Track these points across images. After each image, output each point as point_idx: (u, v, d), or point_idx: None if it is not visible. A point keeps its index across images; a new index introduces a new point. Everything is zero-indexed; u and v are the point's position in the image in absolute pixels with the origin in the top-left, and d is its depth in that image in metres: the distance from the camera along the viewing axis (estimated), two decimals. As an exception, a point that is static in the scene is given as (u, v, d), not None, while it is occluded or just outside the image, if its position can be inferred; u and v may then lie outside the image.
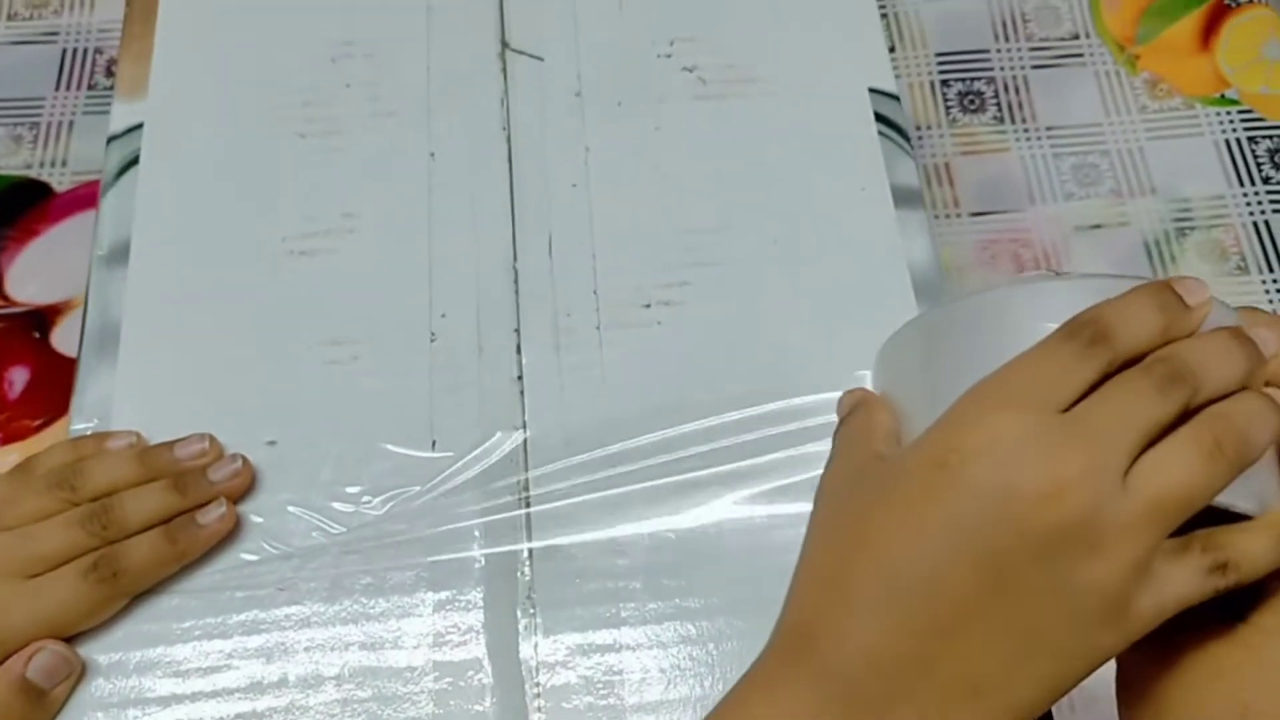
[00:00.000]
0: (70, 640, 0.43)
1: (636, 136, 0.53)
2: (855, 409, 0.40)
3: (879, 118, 0.54)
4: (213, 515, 0.45)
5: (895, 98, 0.54)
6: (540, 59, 0.55)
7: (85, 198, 0.67)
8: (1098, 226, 0.65)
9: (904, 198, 0.52)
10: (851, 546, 0.35)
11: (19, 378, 0.61)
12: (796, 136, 0.53)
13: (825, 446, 0.45)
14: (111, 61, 0.72)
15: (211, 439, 0.46)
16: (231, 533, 0.45)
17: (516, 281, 0.50)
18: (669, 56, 0.55)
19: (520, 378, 0.48)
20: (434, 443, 0.47)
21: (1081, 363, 0.33)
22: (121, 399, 0.47)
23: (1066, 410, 0.33)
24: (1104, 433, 0.32)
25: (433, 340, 0.49)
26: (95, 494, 0.45)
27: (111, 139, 0.53)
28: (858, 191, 0.52)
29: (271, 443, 0.47)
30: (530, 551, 0.45)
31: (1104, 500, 0.32)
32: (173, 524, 0.44)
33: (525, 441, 0.47)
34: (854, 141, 0.53)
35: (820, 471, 0.39)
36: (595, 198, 0.52)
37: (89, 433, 0.47)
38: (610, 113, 0.54)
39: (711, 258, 0.51)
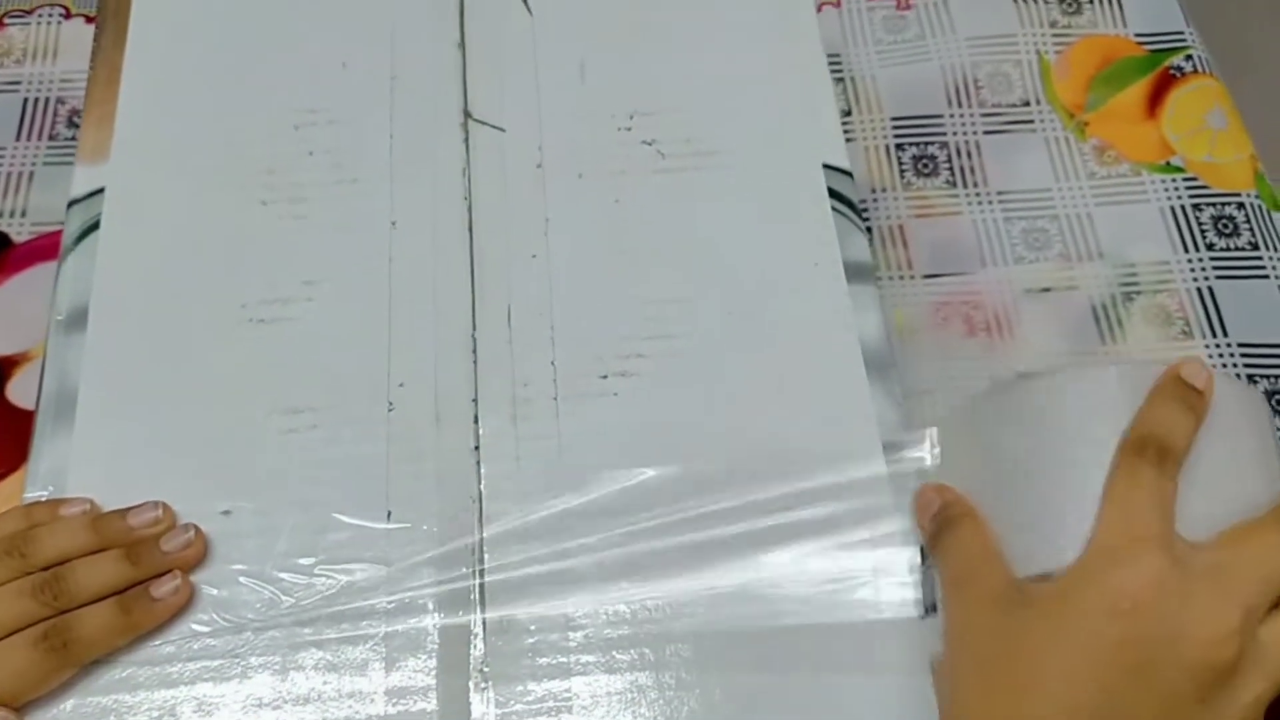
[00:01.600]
0: (18, 710, 0.43)
1: (596, 208, 0.54)
2: (957, 525, 0.43)
3: (832, 193, 0.55)
4: (167, 588, 0.45)
5: (848, 174, 0.55)
6: (502, 129, 0.56)
7: (45, 249, 0.67)
8: (1047, 289, 0.66)
9: (856, 272, 0.53)
10: (1026, 687, 0.38)
11: (-29, 430, 0.61)
12: (752, 210, 0.54)
13: (780, 521, 0.46)
14: (73, 112, 0.71)
15: (165, 507, 0.47)
16: (185, 605, 0.45)
17: (475, 351, 0.51)
18: (629, 129, 0.56)
19: (478, 448, 0.49)
20: (389, 513, 0.47)
21: (1165, 480, 0.40)
22: (77, 467, 0.48)
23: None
24: (1252, 585, 0.39)
25: (390, 410, 0.49)
26: (47, 562, 0.45)
27: (72, 203, 0.53)
28: (811, 266, 0.53)
29: (226, 512, 0.47)
30: (484, 624, 0.45)
31: (1249, 643, 0.38)
32: (127, 595, 0.45)
33: (481, 513, 0.47)
34: (808, 216, 0.54)
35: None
36: (554, 269, 0.52)
37: (43, 499, 0.47)
38: (571, 184, 0.55)
39: (668, 330, 0.51)
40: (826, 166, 0.55)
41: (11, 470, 0.56)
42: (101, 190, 0.54)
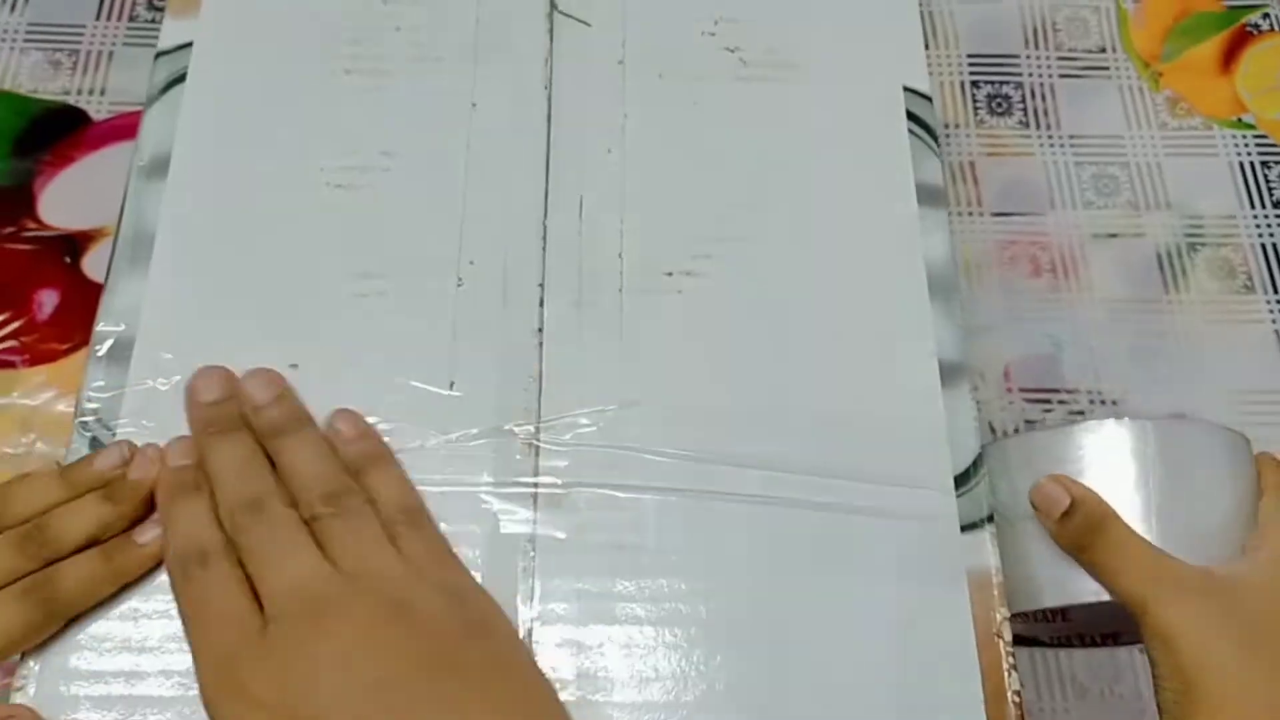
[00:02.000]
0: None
1: (674, 109, 0.54)
2: (1107, 527, 0.45)
3: (910, 116, 0.55)
4: (150, 535, 0.44)
5: (928, 98, 0.55)
6: (588, 24, 0.56)
7: (122, 128, 0.67)
8: (1114, 235, 0.66)
9: (927, 196, 0.53)
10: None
11: (49, 300, 0.62)
12: (829, 125, 0.55)
13: (838, 436, 0.47)
14: (154, -8, 0.71)
15: (131, 446, 0.45)
16: None
17: (545, 237, 0.51)
18: (713, 35, 0.56)
19: (540, 330, 0.49)
20: (452, 383, 0.48)
21: None
22: (151, 308, 0.48)
23: None
24: None
25: (459, 285, 0.50)
26: (23, 518, 0.43)
27: (160, 54, 0.54)
28: (882, 185, 0.53)
29: (294, 365, 0.48)
30: (536, 498, 0.46)
31: None
32: (109, 544, 0.43)
33: (540, 392, 0.48)
34: (884, 136, 0.54)
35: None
36: (629, 165, 0.53)
37: (117, 338, 0.48)
38: (651, 84, 0.55)
39: (735, 234, 0.52)
40: (906, 89, 0.55)
41: (87, 340, 0.57)
42: (189, 44, 0.54)
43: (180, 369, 0.47)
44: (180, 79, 0.53)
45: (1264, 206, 0.67)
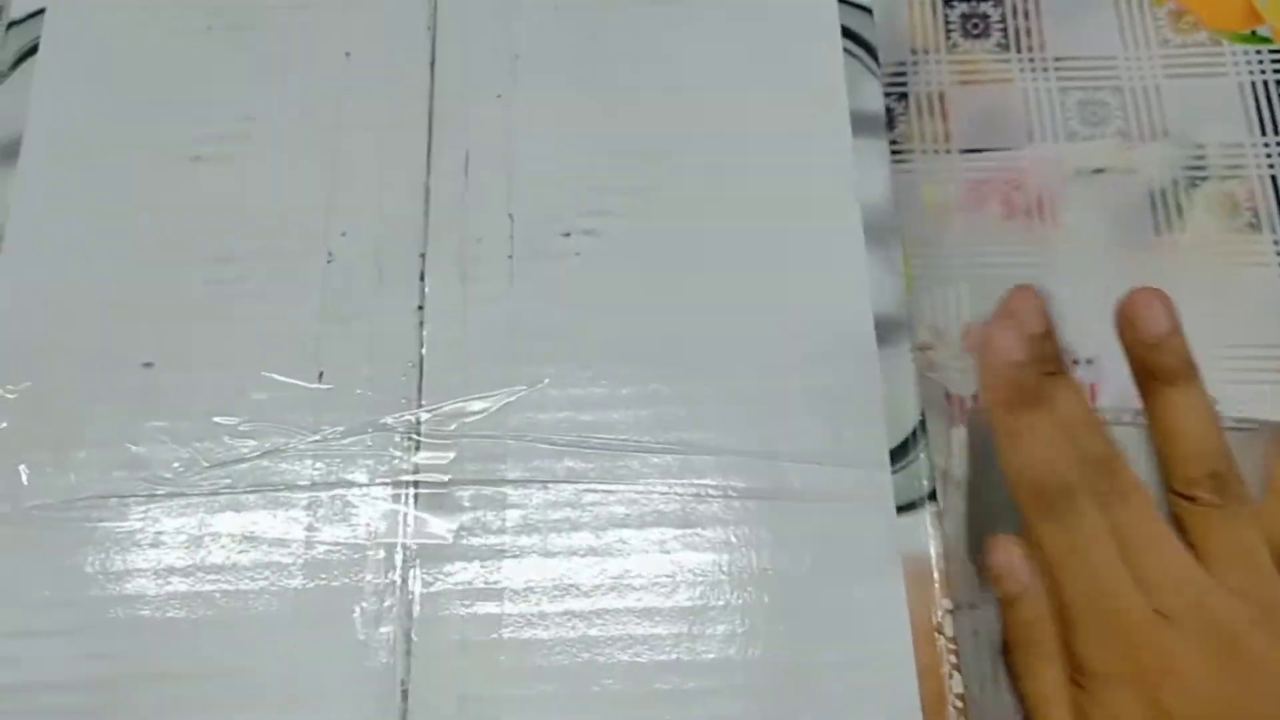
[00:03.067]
0: None
1: (572, 45, 0.48)
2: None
3: (846, 33, 0.48)
4: None
5: (868, 10, 0.49)
6: (473, -44, 0.50)
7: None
8: (1100, 171, 0.59)
9: (865, 124, 0.47)
10: None
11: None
12: (752, 50, 0.48)
13: (760, 411, 0.42)
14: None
15: None
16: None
17: (427, 201, 0.46)
18: (616, -44, 0.50)
19: (421, 308, 0.44)
20: (321, 374, 0.43)
21: None
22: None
23: None
24: None
25: (329, 261, 0.45)
26: None
27: (11, 25, 0.49)
28: (813, 115, 0.47)
29: (148, 365, 0.43)
30: (415, 497, 0.41)
31: None
32: None
33: (421, 378, 0.43)
34: (816, 58, 0.48)
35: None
36: (520, 111, 0.47)
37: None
38: (545, 17, 0.49)
39: (644, 183, 0.46)
40: (841, 1, 0.49)
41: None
42: (42, 11, 0.49)
43: (28, 375, 0.43)
44: (32, 51, 0.49)
45: (1277, 133, 0.59)
